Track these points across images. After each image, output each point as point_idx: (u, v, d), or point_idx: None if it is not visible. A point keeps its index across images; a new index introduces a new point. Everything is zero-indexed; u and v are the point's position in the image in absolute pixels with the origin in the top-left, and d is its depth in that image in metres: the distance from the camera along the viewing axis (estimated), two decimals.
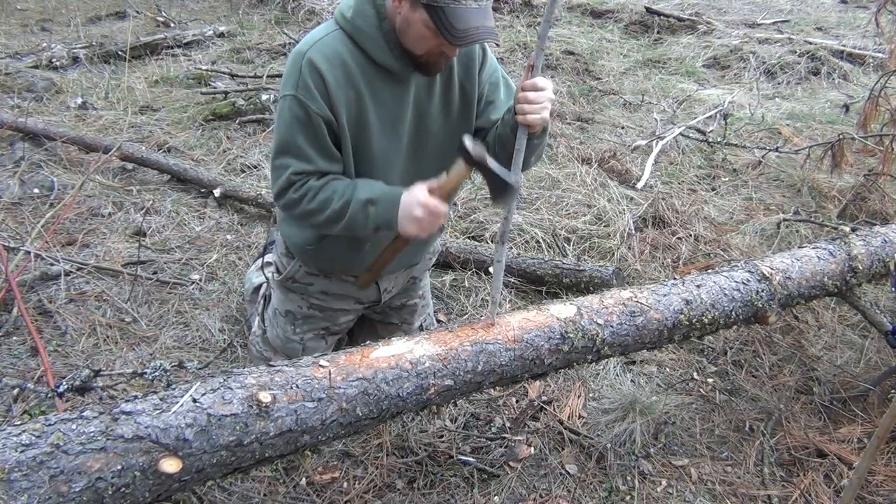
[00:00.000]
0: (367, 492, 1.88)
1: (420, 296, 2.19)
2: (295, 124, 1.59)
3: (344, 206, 1.61)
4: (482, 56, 1.76)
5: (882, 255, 2.18)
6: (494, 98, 1.79)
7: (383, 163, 1.71)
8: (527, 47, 6.22)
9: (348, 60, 1.58)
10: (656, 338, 1.76)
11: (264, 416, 1.29)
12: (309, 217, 1.68)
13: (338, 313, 2.01)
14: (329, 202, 1.62)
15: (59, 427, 1.16)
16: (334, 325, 2.04)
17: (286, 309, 2.01)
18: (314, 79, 1.55)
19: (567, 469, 2.00)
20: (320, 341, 2.05)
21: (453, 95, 1.74)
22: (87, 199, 3.30)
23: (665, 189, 3.84)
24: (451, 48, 1.53)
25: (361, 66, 1.60)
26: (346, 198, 1.61)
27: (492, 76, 1.79)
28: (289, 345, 2.03)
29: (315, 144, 1.61)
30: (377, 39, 1.58)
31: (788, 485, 1.99)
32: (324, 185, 1.63)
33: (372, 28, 1.57)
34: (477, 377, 1.53)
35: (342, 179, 1.67)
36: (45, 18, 6.58)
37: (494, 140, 1.74)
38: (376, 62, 1.60)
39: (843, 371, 2.43)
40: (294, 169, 1.63)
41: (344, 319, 2.05)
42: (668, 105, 5.25)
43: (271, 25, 6.57)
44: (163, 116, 4.40)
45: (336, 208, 1.62)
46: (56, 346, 2.34)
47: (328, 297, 1.96)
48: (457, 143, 1.73)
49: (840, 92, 5.70)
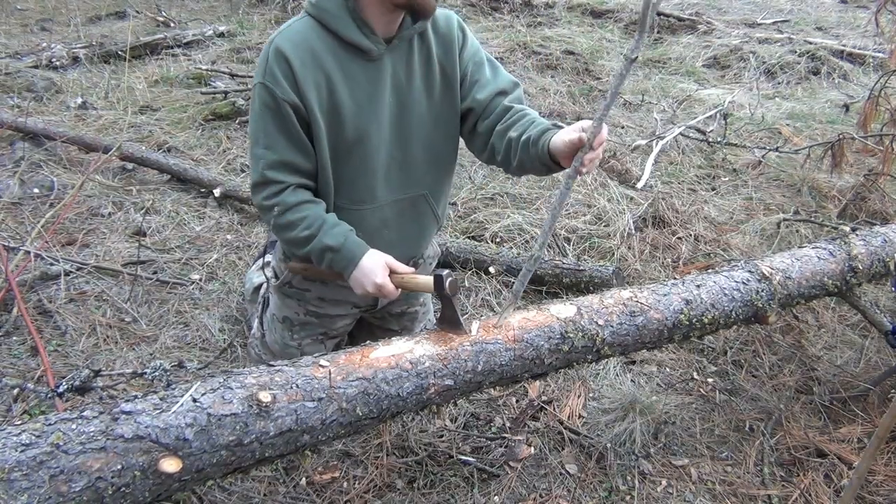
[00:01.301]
0: (367, 492, 1.88)
1: (421, 303, 2.15)
2: (265, 112, 1.60)
3: (307, 239, 1.64)
4: (462, 37, 1.75)
5: (882, 255, 2.17)
6: (479, 77, 1.77)
7: (364, 147, 1.68)
8: (526, 47, 6.22)
9: (316, 44, 1.58)
10: (656, 338, 1.76)
11: (264, 415, 1.29)
12: (274, 229, 1.71)
13: (335, 319, 2.00)
14: (295, 226, 1.64)
15: (59, 427, 1.16)
16: (332, 329, 2.02)
17: (283, 315, 1.99)
18: (280, 65, 1.55)
19: (567, 469, 2.00)
20: (319, 346, 2.03)
21: (434, 76, 1.72)
22: (87, 199, 3.30)
23: (665, 189, 3.84)
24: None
25: (331, 48, 1.59)
26: (311, 231, 1.64)
27: (475, 56, 1.78)
28: (287, 350, 2.01)
29: (284, 132, 1.61)
30: (344, 18, 1.57)
31: (788, 485, 1.99)
32: (296, 206, 1.64)
33: (338, 8, 1.57)
34: (477, 377, 1.53)
35: (316, 205, 1.67)
36: (45, 18, 6.59)
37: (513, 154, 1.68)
38: (346, 42, 1.59)
39: (843, 371, 2.43)
40: (266, 161, 1.63)
41: (341, 324, 2.03)
42: (668, 105, 5.25)
43: (271, 25, 6.57)
44: (163, 116, 4.40)
45: (300, 236, 1.64)
46: (56, 346, 2.34)
47: (325, 303, 1.95)
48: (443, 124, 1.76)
49: (840, 92, 5.70)
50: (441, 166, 1.87)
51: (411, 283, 1.63)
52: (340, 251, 1.63)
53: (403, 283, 1.63)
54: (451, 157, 1.88)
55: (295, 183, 1.66)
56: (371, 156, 1.70)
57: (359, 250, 1.63)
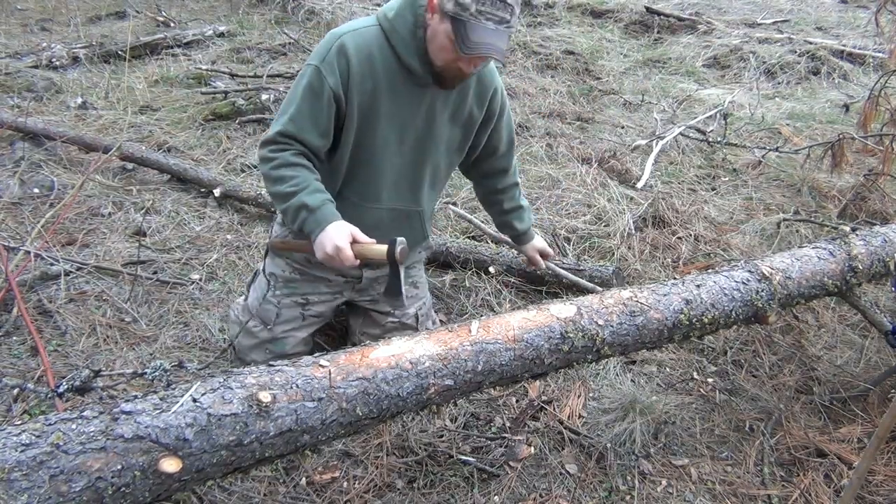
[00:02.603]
0: (367, 491, 1.88)
1: (412, 283, 2.25)
2: (308, 92, 1.76)
3: (290, 194, 1.76)
4: (501, 107, 2.02)
5: (882, 255, 2.17)
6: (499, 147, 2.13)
7: (382, 153, 1.88)
8: (526, 47, 6.22)
9: (376, 55, 1.76)
10: (656, 338, 1.76)
11: (264, 415, 1.29)
12: (265, 179, 1.83)
13: (319, 282, 2.10)
14: (284, 181, 1.77)
15: (59, 427, 1.16)
16: (311, 300, 2.11)
17: (270, 271, 2.12)
18: (339, 60, 1.73)
19: (567, 469, 2.00)
20: (295, 311, 2.10)
21: (462, 113, 1.94)
22: (87, 199, 3.30)
23: (665, 189, 3.84)
24: (466, 63, 1.69)
25: (387, 62, 1.77)
26: (296, 189, 1.76)
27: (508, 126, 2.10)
28: (265, 306, 2.10)
29: (314, 115, 1.77)
30: (409, 43, 1.75)
31: (788, 485, 2.00)
32: (294, 165, 1.78)
33: (407, 32, 1.75)
34: (477, 377, 1.53)
35: (311, 171, 1.80)
36: (45, 18, 6.58)
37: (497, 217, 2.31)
38: (402, 62, 1.77)
39: (843, 371, 2.43)
40: (283, 129, 1.78)
41: (326, 293, 2.12)
42: (668, 105, 5.25)
43: (271, 25, 6.57)
44: (163, 116, 4.40)
45: (284, 191, 1.77)
46: (56, 346, 2.34)
47: (311, 265, 2.06)
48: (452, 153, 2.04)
49: (840, 92, 5.70)
50: (437, 190, 2.12)
51: (369, 251, 1.72)
52: (314, 213, 1.74)
53: (362, 251, 1.72)
54: (444, 183, 2.16)
55: (301, 150, 1.80)
56: (388, 162, 1.90)
57: (330, 217, 1.74)
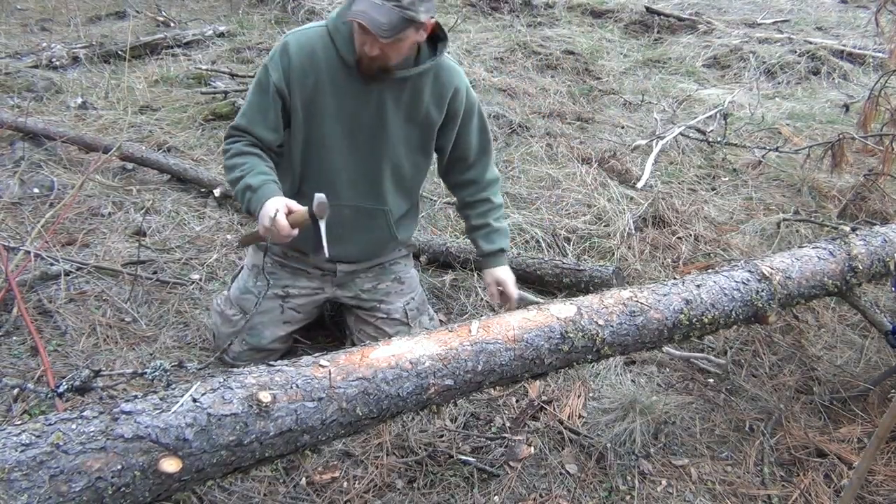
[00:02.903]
0: (367, 491, 1.88)
1: (395, 279, 2.32)
2: (256, 87, 1.96)
3: (237, 179, 1.90)
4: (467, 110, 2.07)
5: (882, 255, 2.17)
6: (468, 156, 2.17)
7: (332, 149, 2.00)
8: (526, 47, 6.22)
9: (318, 51, 1.90)
10: (656, 338, 1.76)
11: (264, 415, 1.29)
12: (224, 169, 1.98)
13: (299, 274, 2.23)
14: (235, 168, 1.91)
15: (59, 427, 1.16)
16: (291, 293, 2.22)
17: (252, 263, 2.25)
18: (282, 57, 1.91)
19: (567, 469, 2.00)
20: (275, 303, 2.21)
21: (418, 112, 2.01)
22: (87, 199, 3.30)
23: (665, 189, 3.84)
24: (371, 45, 1.77)
25: (329, 59, 1.91)
26: (242, 173, 1.89)
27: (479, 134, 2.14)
28: (245, 295, 2.22)
29: (262, 109, 1.94)
30: (347, 38, 1.87)
31: (788, 485, 2.00)
32: (243, 154, 1.92)
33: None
34: (477, 377, 1.53)
35: (261, 158, 1.93)
36: (45, 18, 6.58)
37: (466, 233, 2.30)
38: (342, 58, 1.89)
39: (843, 371, 2.43)
40: (236, 123, 1.96)
41: (306, 286, 2.23)
42: (668, 105, 5.25)
43: (271, 25, 6.57)
44: (163, 116, 4.40)
45: (235, 176, 1.91)
46: (56, 346, 2.34)
47: (287, 257, 2.23)
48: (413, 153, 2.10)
49: (840, 92, 5.70)
50: (405, 192, 2.18)
51: (300, 216, 1.79)
52: (255, 192, 1.85)
53: (295, 218, 1.79)
54: (415, 188, 2.21)
55: (253, 142, 1.96)
56: (342, 159, 2.02)
57: (269, 194, 1.84)
